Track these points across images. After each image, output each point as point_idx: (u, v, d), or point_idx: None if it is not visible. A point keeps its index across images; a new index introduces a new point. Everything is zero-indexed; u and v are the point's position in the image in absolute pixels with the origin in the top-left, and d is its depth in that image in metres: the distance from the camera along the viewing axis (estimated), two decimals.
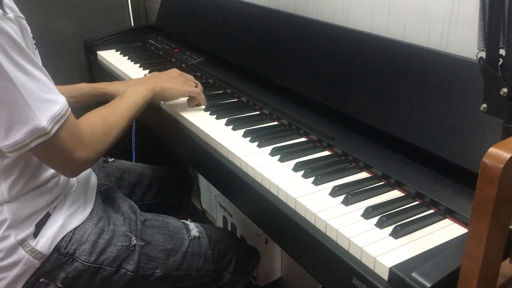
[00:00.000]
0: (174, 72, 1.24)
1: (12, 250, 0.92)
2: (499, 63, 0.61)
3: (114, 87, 1.25)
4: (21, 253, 0.93)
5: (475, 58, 0.63)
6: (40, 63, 0.86)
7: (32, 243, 0.93)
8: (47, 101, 0.81)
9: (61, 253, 0.96)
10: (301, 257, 0.82)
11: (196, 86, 1.21)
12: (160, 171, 1.45)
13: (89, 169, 1.18)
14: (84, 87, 1.26)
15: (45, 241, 0.95)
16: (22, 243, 0.93)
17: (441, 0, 0.96)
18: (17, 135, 0.79)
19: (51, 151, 0.85)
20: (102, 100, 1.26)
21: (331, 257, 0.72)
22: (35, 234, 0.94)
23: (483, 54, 0.62)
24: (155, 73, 1.26)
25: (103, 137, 0.95)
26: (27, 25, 0.85)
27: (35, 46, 0.91)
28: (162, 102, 1.24)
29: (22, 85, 0.77)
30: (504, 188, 0.51)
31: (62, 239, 0.97)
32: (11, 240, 0.92)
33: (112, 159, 1.39)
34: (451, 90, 0.85)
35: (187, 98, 1.20)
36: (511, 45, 0.60)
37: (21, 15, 0.83)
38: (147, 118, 1.37)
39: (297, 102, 1.14)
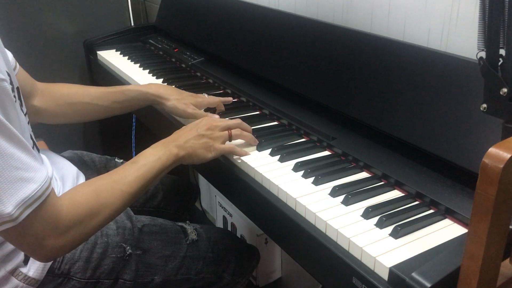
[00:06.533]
0: (203, 124, 0.97)
1: (3, 281, 0.87)
2: (499, 63, 0.61)
3: (160, 92, 1.16)
4: (14, 282, 0.87)
5: (475, 58, 0.63)
6: (22, 116, 0.73)
7: (24, 270, 0.88)
8: (19, 181, 0.67)
9: (55, 274, 0.93)
10: (301, 257, 0.82)
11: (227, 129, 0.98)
12: (169, 179, 1.40)
13: (77, 176, 1.09)
14: (132, 92, 1.18)
15: (37, 266, 0.89)
16: (13, 272, 0.87)
17: (441, 0, 0.96)
18: None
19: (17, 237, 0.72)
20: (152, 104, 1.20)
21: (331, 257, 0.72)
22: (25, 261, 0.88)
23: (483, 54, 0.62)
24: (184, 129, 0.98)
25: (87, 219, 0.78)
26: (7, 85, 0.71)
27: (15, 99, 0.76)
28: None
29: None
30: (504, 188, 0.51)
31: (54, 260, 0.91)
32: (1, 272, 0.86)
33: (121, 160, 1.35)
34: (451, 90, 0.85)
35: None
36: (511, 45, 0.60)
37: (1, 76, 0.69)
38: (147, 118, 1.37)
39: (297, 102, 1.14)
